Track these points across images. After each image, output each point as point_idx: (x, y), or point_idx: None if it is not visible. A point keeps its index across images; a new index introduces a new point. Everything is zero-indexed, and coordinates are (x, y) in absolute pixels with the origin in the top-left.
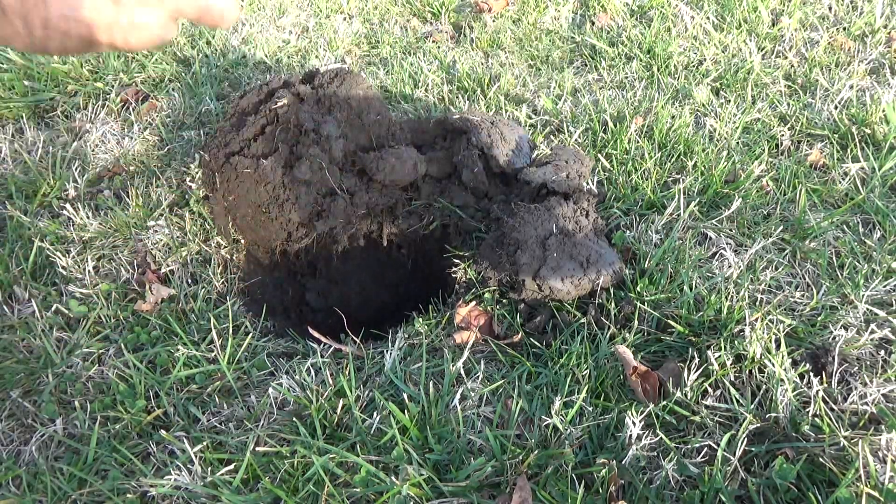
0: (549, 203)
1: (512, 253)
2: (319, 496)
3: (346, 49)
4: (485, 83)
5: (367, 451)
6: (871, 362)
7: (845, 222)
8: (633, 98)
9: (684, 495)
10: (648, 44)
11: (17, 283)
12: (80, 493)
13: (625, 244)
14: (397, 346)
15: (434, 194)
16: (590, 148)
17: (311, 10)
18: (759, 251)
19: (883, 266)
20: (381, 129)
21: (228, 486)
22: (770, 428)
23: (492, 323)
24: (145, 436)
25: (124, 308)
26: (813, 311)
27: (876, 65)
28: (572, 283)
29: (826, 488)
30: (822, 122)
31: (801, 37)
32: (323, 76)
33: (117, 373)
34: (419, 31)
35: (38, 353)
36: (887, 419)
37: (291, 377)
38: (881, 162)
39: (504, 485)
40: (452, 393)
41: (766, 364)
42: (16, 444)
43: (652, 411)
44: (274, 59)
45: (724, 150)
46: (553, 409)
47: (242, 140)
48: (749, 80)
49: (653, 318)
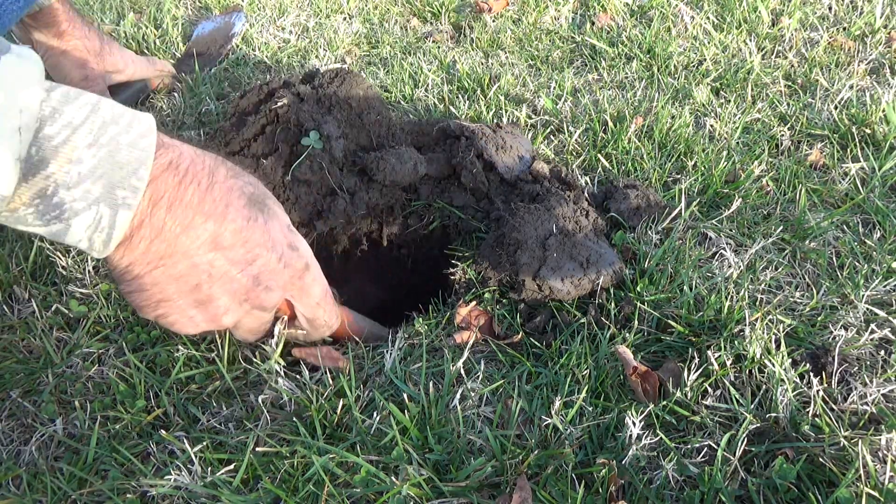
0: (549, 203)
1: (512, 253)
2: (319, 496)
3: (346, 49)
4: (485, 83)
5: (367, 451)
6: (871, 362)
7: (845, 222)
8: (633, 98)
9: (684, 495)
10: (648, 44)
11: (17, 283)
12: (80, 493)
13: (625, 244)
14: (397, 346)
15: (434, 195)
16: (590, 148)
17: (311, 10)
18: (759, 251)
19: (883, 266)
20: (382, 129)
21: (228, 486)
22: (770, 428)
23: (492, 323)
24: (145, 436)
25: (124, 308)
26: (813, 311)
27: (876, 65)
28: (572, 283)
29: (826, 488)
30: (822, 122)
31: (801, 37)
32: (323, 76)
33: (117, 373)
34: (419, 31)
35: (38, 353)
36: (887, 419)
37: (291, 377)
38: (881, 162)
39: (504, 485)
40: (452, 393)
41: (766, 364)
42: (16, 444)
43: (652, 411)
44: (274, 59)
45: (724, 150)
46: (553, 409)
47: (242, 140)
48: (749, 80)
49: (653, 318)
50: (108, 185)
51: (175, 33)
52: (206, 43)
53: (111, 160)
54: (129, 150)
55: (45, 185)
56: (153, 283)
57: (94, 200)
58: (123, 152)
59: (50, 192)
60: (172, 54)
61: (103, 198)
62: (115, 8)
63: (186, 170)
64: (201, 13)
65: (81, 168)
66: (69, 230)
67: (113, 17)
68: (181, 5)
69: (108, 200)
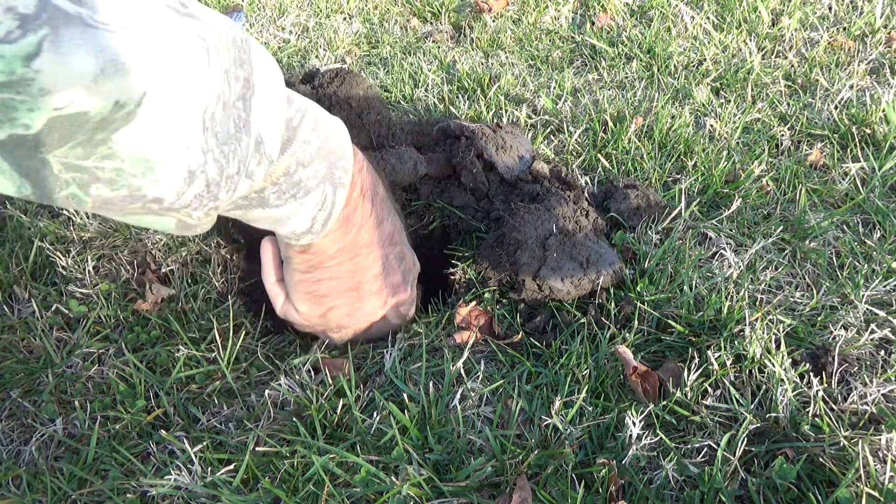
0: (549, 203)
1: (512, 253)
2: (319, 496)
3: (346, 49)
4: (485, 83)
5: (367, 451)
6: (871, 362)
7: (845, 222)
8: (633, 98)
9: (684, 495)
10: (648, 44)
11: (17, 283)
12: (80, 493)
13: (625, 244)
14: (397, 346)
15: (434, 195)
16: (590, 148)
17: (311, 10)
18: (759, 251)
19: (883, 266)
20: (382, 129)
21: (228, 486)
22: (770, 428)
23: (492, 323)
24: (145, 436)
25: (124, 308)
26: (813, 311)
27: (876, 65)
28: (572, 283)
29: (826, 488)
30: (822, 122)
31: (801, 37)
32: (323, 76)
33: (117, 373)
34: (419, 31)
35: (38, 353)
36: (887, 419)
37: (291, 377)
38: (881, 162)
39: (504, 485)
40: (452, 393)
41: (766, 364)
42: (16, 444)
43: (652, 411)
44: (274, 58)
45: (724, 150)
46: (553, 409)
47: None
48: (749, 80)
49: (653, 318)
50: (329, 166)
51: None
52: None
53: (327, 144)
54: (336, 136)
55: (289, 164)
56: (346, 272)
57: (322, 179)
58: (333, 138)
59: (292, 169)
60: None
61: (327, 176)
62: None
63: (369, 167)
64: None
65: (311, 149)
66: (301, 208)
67: None
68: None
69: (330, 179)
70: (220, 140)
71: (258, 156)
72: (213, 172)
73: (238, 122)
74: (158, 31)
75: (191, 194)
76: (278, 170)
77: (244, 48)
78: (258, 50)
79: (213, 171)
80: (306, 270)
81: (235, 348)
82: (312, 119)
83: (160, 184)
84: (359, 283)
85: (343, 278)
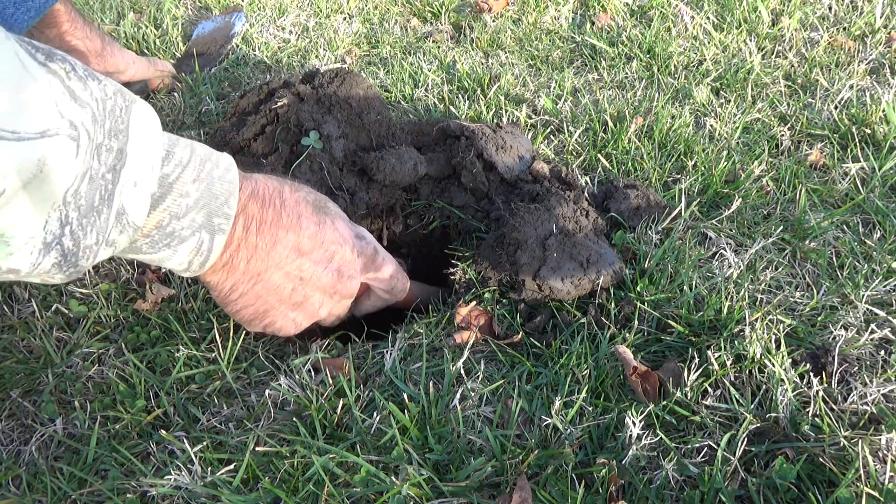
0: (549, 203)
1: (512, 253)
2: (319, 496)
3: (346, 49)
4: (485, 83)
5: (367, 451)
6: (871, 362)
7: (845, 222)
8: (633, 98)
9: (684, 495)
10: (648, 44)
11: (16, 282)
12: (80, 493)
13: (625, 244)
14: (397, 346)
15: (434, 195)
16: (590, 148)
17: (311, 10)
18: (759, 251)
19: (883, 266)
20: (382, 129)
21: (228, 486)
22: (770, 428)
23: (492, 323)
24: (145, 436)
25: (124, 308)
26: (813, 311)
27: (876, 65)
28: (572, 283)
29: (826, 488)
30: (822, 122)
31: (801, 37)
32: (323, 76)
33: (117, 373)
34: (419, 31)
35: (38, 353)
36: (887, 419)
37: (291, 377)
38: (881, 162)
39: (504, 485)
40: (452, 393)
41: (766, 364)
42: (16, 444)
43: (652, 411)
44: (274, 59)
45: (724, 150)
46: (553, 409)
47: (243, 140)
48: (749, 80)
49: (653, 318)
50: (208, 214)
51: (175, 33)
52: (206, 43)
53: (209, 192)
54: (220, 183)
55: (162, 217)
56: (256, 297)
57: (198, 228)
58: (217, 185)
59: (164, 223)
60: (172, 54)
61: (204, 225)
62: (115, 8)
63: (263, 195)
64: (201, 13)
65: (188, 200)
66: (174, 255)
67: (113, 17)
68: (181, 5)
69: (207, 227)
70: (82, 213)
71: (120, 226)
72: (69, 244)
73: (103, 195)
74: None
75: (48, 264)
76: (150, 224)
77: (122, 117)
78: (139, 113)
79: (70, 243)
80: (221, 298)
81: (235, 348)
82: (195, 169)
83: (14, 256)
84: (280, 300)
85: (257, 303)
